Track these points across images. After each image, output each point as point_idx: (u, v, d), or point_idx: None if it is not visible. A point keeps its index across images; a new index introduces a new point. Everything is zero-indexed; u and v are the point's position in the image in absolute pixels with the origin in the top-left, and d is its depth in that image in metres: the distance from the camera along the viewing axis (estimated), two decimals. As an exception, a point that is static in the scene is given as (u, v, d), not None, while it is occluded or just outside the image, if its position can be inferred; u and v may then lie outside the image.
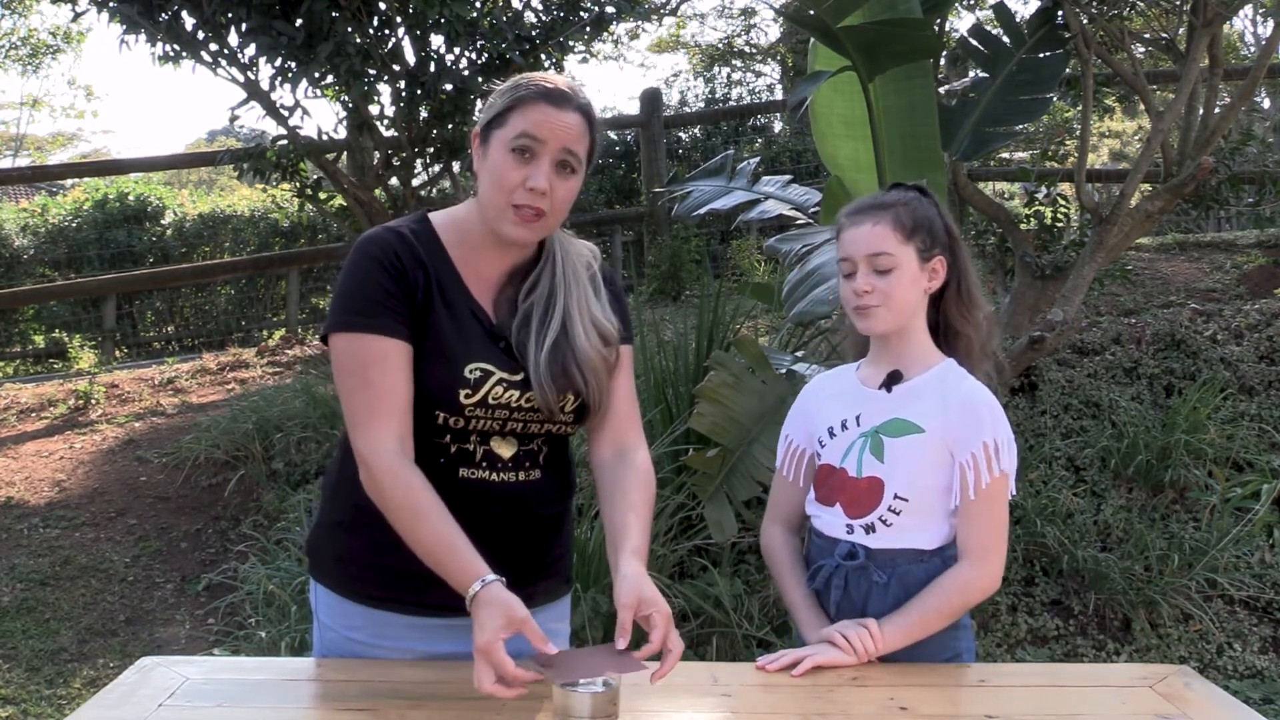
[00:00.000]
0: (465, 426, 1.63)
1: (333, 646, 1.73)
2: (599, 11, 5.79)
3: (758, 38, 16.35)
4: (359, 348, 1.60)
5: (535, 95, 1.60)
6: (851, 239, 1.77)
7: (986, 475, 1.70)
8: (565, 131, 1.60)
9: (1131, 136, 15.21)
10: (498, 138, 1.61)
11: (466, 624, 1.63)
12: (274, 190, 6.36)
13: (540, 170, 1.59)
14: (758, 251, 7.78)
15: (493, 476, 1.66)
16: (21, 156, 20.49)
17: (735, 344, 3.34)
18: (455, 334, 1.63)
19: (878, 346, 1.82)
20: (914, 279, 1.75)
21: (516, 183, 1.59)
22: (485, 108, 1.66)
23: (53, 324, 9.21)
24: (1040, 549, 3.75)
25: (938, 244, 1.77)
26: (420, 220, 1.70)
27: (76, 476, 5.05)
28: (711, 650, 3.30)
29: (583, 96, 1.65)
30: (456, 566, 1.52)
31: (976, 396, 1.74)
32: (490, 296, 1.69)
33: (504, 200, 1.60)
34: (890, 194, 1.81)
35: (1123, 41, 4.75)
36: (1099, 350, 4.86)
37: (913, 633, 1.71)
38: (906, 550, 1.74)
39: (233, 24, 5.30)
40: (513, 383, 1.64)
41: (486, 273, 1.69)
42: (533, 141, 1.59)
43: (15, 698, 3.57)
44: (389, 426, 1.57)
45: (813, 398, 1.90)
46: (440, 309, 1.63)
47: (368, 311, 1.59)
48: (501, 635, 1.45)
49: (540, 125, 1.58)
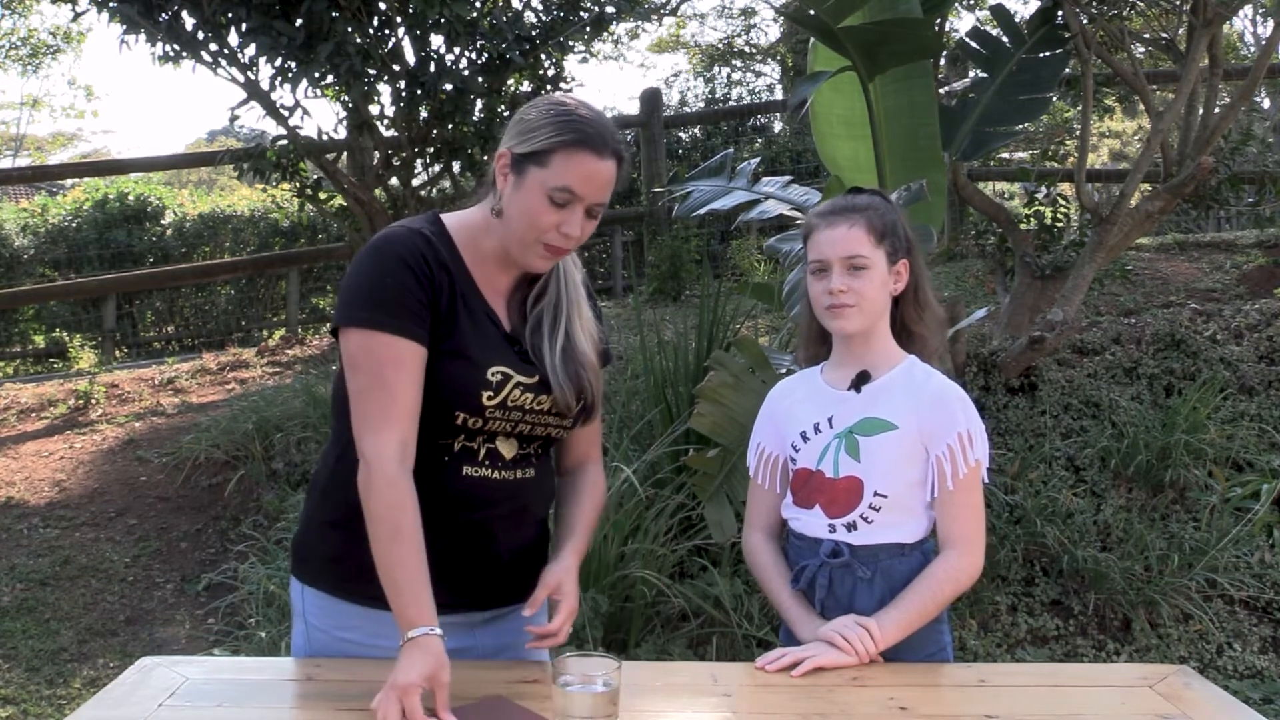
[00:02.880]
0: (482, 427, 1.66)
1: (323, 648, 1.72)
2: (599, 11, 5.79)
3: (758, 38, 16.37)
4: (378, 345, 1.60)
5: (579, 142, 1.61)
6: (828, 240, 1.79)
7: (963, 466, 1.75)
8: (604, 186, 1.64)
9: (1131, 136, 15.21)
10: (536, 177, 1.62)
11: (462, 620, 1.68)
12: (274, 190, 6.35)
13: (575, 218, 1.64)
14: (758, 251, 7.78)
15: (494, 475, 1.69)
16: (21, 156, 20.50)
17: (735, 344, 3.34)
18: (476, 337, 1.66)
19: (842, 348, 1.85)
20: (884, 281, 1.80)
21: (551, 225, 1.63)
22: (521, 130, 1.64)
23: (53, 324, 9.21)
24: (1040, 549, 3.75)
25: (901, 249, 1.82)
26: (435, 222, 1.72)
27: (76, 476, 5.05)
28: (711, 650, 3.31)
29: (618, 137, 1.67)
30: (414, 601, 1.54)
31: (947, 390, 1.78)
32: (501, 302, 1.73)
33: (535, 237, 1.64)
34: (859, 198, 1.85)
35: (1123, 41, 4.76)
36: (1099, 350, 4.86)
37: (910, 625, 1.73)
38: (888, 545, 1.77)
39: (233, 24, 5.30)
40: (529, 385, 1.68)
41: (497, 281, 1.73)
42: (573, 196, 1.62)
43: (15, 698, 3.57)
44: (397, 432, 1.59)
45: (780, 403, 1.92)
46: (462, 312, 1.66)
47: (391, 311, 1.61)
48: (424, 684, 1.48)
49: (583, 181, 1.62)
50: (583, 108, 1.66)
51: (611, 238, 9.46)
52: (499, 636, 1.78)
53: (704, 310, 4.04)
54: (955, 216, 7.47)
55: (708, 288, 4.27)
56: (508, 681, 1.63)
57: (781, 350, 3.45)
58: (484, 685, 1.61)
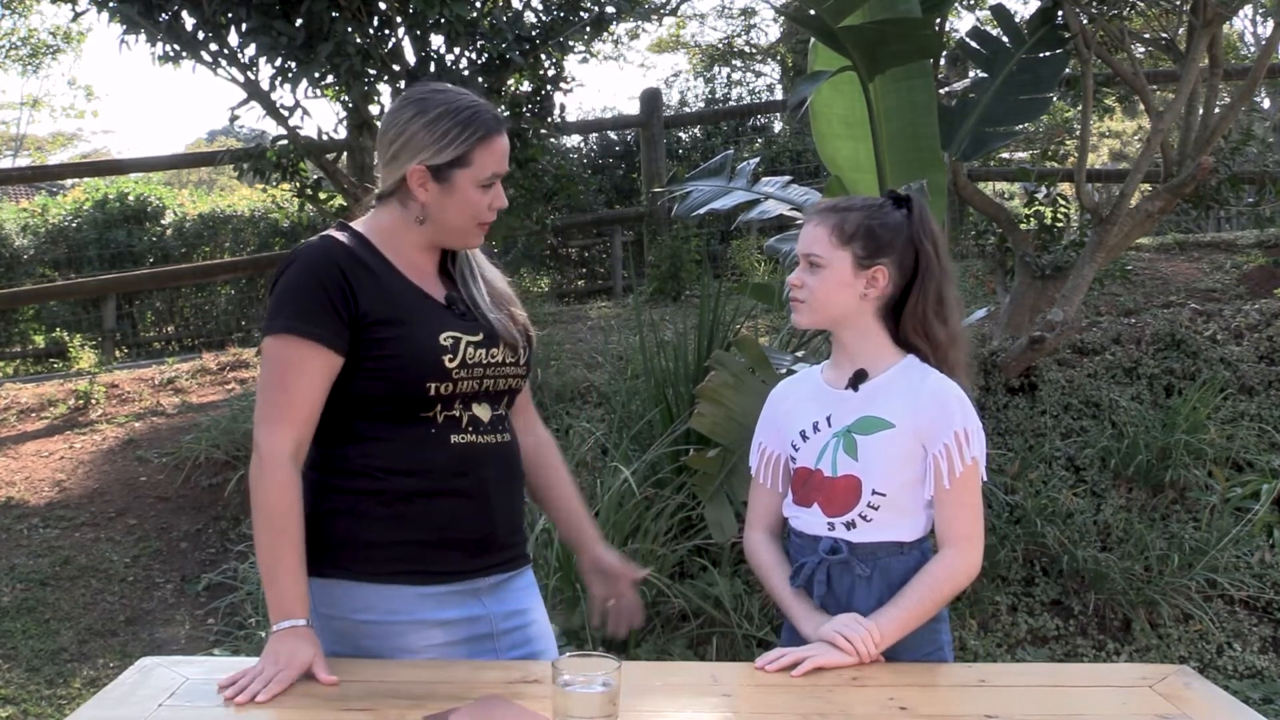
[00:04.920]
0: (453, 391, 1.76)
1: (341, 634, 1.75)
2: (599, 11, 5.79)
3: (758, 38, 16.35)
4: (282, 348, 1.72)
5: (488, 133, 1.76)
6: (800, 235, 1.85)
7: (960, 464, 1.74)
8: (507, 154, 1.81)
9: (1131, 136, 15.20)
10: (464, 177, 1.76)
11: (468, 589, 1.77)
12: (274, 190, 6.35)
13: (499, 191, 1.80)
14: (758, 251, 7.77)
15: (478, 439, 1.80)
16: (21, 156, 20.47)
17: (735, 344, 3.34)
18: (418, 313, 1.76)
19: (835, 348, 1.87)
20: (843, 282, 1.79)
21: (484, 207, 1.79)
22: (427, 142, 1.75)
23: (53, 324, 9.20)
24: (1040, 549, 3.75)
25: (883, 254, 1.79)
26: (345, 229, 1.83)
27: (76, 476, 5.05)
28: (711, 650, 3.31)
29: (491, 105, 1.82)
30: (291, 595, 1.66)
31: (944, 389, 1.78)
32: (429, 281, 1.84)
33: (473, 222, 1.80)
34: (855, 198, 1.87)
35: (1123, 41, 4.75)
36: (1099, 350, 4.86)
37: (909, 625, 1.73)
38: (887, 543, 1.77)
39: (233, 24, 5.30)
40: (478, 342, 1.79)
41: (421, 265, 1.84)
42: (496, 176, 1.79)
43: (15, 698, 3.57)
44: (291, 432, 1.70)
45: (780, 404, 1.93)
46: (395, 298, 1.76)
47: (298, 317, 1.71)
48: (307, 666, 1.62)
49: (500, 161, 1.78)
50: (459, 96, 1.78)
51: (611, 238, 9.44)
52: (505, 603, 1.83)
53: (704, 310, 4.04)
54: (955, 216, 7.46)
55: (708, 288, 4.27)
56: (508, 681, 1.64)
57: (782, 350, 3.45)
58: (484, 685, 1.61)
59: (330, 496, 1.76)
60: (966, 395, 1.80)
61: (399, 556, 1.74)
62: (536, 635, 1.88)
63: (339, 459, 1.76)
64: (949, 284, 1.83)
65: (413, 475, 1.74)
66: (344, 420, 1.76)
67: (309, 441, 1.74)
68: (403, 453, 1.75)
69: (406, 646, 1.73)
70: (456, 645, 1.76)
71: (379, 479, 1.74)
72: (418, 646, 1.73)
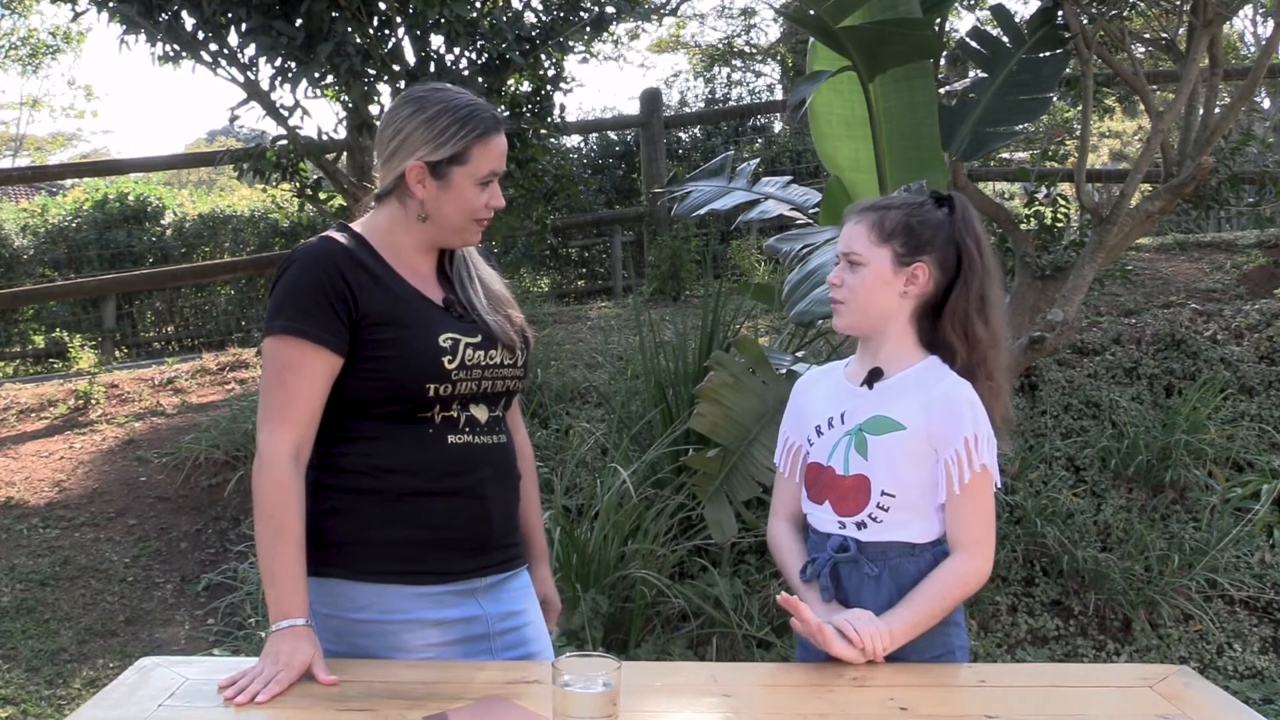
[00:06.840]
0: (452, 392, 1.77)
1: (337, 633, 1.76)
2: (599, 11, 5.79)
3: (758, 38, 16.35)
4: (283, 348, 1.73)
5: (487, 131, 1.77)
6: (841, 235, 1.84)
7: (969, 470, 1.74)
8: (504, 153, 1.82)
9: (1131, 136, 15.20)
10: (462, 174, 1.77)
11: (468, 587, 1.78)
12: (274, 190, 6.35)
13: (497, 189, 1.82)
14: (758, 251, 7.77)
15: (475, 440, 1.81)
16: (21, 156, 20.48)
17: (735, 344, 3.34)
18: (417, 315, 1.77)
19: (860, 344, 1.87)
20: (883, 280, 1.78)
21: (482, 205, 1.80)
22: (425, 139, 1.76)
23: (53, 324, 9.20)
24: (1040, 549, 3.75)
25: (923, 251, 1.78)
26: (345, 229, 1.83)
27: (76, 476, 5.05)
28: (711, 650, 3.31)
29: (490, 106, 1.83)
30: (290, 594, 1.67)
31: (958, 393, 1.77)
32: (427, 283, 1.84)
33: (471, 220, 1.80)
34: (896, 196, 1.86)
35: (1123, 41, 4.75)
36: (1099, 350, 4.86)
37: (918, 627, 1.73)
38: (898, 544, 1.77)
39: (233, 24, 5.30)
40: (477, 344, 1.80)
41: (419, 267, 1.84)
42: (494, 175, 1.79)
43: (15, 698, 3.57)
44: (292, 432, 1.71)
45: (804, 395, 1.94)
46: (394, 299, 1.77)
47: (298, 317, 1.72)
48: (306, 666, 1.62)
49: (498, 160, 1.79)
50: (458, 95, 1.78)
51: (611, 238, 9.44)
52: (501, 603, 1.84)
53: (704, 310, 4.04)
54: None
55: (708, 288, 4.27)
56: (508, 681, 1.64)
57: (782, 350, 3.45)
58: (484, 685, 1.61)
59: (328, 495, 1.77)
60: (1006, 398, 1.79)
61: (396, 556, 1.74)
62: (532, 636, 1.89)
63: (337, 458, 1.77)
64: (992, 284, 1.82)
65: (410, 475, 1.75)
66: (342, 420, 1.77)
67: (311, 441, 1.74)
68: (400, 453, 1.75)
69: (402, 645, 1.73)
70: (452, 645, 1.77)
71: (376, 478, 1.75)
72: (413, 646, 1.74)
